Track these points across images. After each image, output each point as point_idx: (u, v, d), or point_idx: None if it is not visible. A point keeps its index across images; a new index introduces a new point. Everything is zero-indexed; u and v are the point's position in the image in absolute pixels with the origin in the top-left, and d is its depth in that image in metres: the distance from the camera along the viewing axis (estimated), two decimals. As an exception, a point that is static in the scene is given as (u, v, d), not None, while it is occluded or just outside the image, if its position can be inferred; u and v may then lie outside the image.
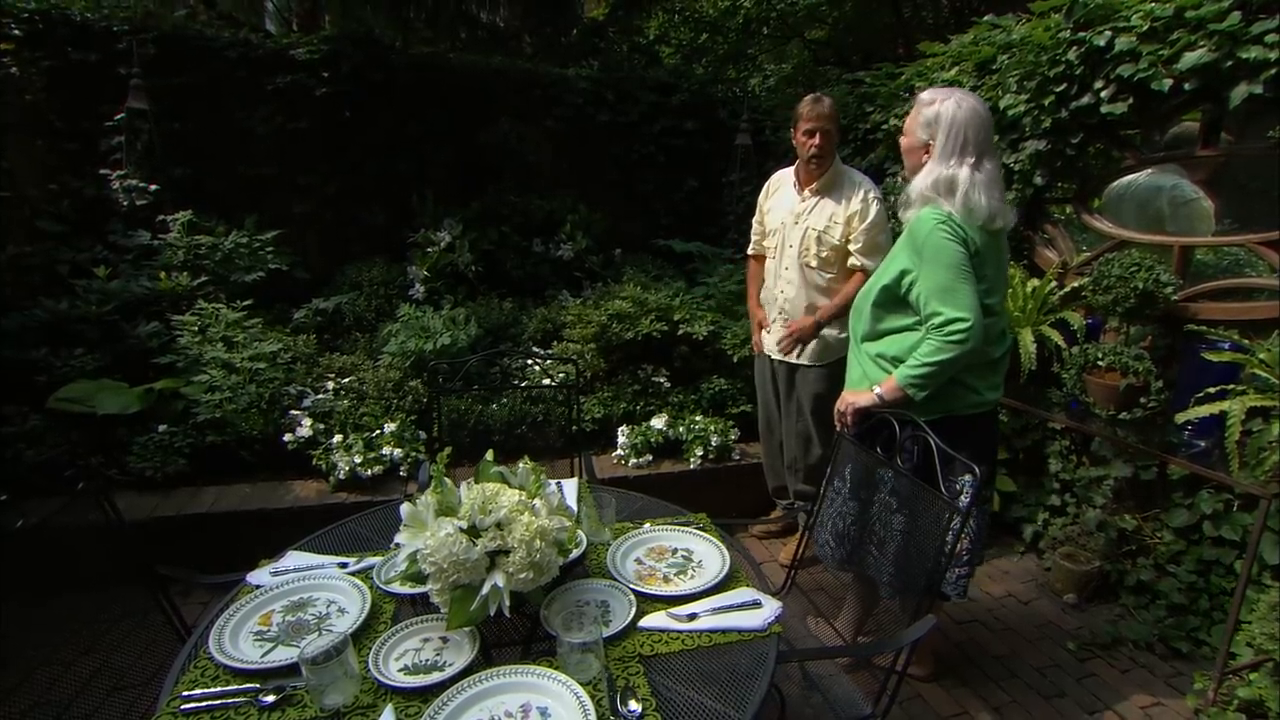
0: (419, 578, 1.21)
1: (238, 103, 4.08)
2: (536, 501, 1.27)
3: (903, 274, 1.76)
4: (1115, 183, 2.75)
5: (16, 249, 3.46)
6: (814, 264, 2.53)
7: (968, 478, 1.79)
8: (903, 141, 1.85)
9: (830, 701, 1.71)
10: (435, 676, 1.15)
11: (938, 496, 1.55)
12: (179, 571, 1.63)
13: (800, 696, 2.07)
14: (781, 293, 2.63)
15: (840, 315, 2.48)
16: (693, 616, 1.35)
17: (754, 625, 1.33)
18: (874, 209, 2.46)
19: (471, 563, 1.16)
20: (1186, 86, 2.21)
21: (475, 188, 4.53)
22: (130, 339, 3.14)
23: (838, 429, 1.89)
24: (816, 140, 2.43)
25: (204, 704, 1.12)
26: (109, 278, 3.33)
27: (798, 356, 2.60)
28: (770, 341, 2.69)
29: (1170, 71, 2.23)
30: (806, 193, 2.55)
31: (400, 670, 1.18)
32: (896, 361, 1.81)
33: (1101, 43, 2.41)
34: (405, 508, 1.26)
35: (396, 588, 1.37)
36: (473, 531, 1.20)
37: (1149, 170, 2.64)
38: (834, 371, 2.51)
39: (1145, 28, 2.29)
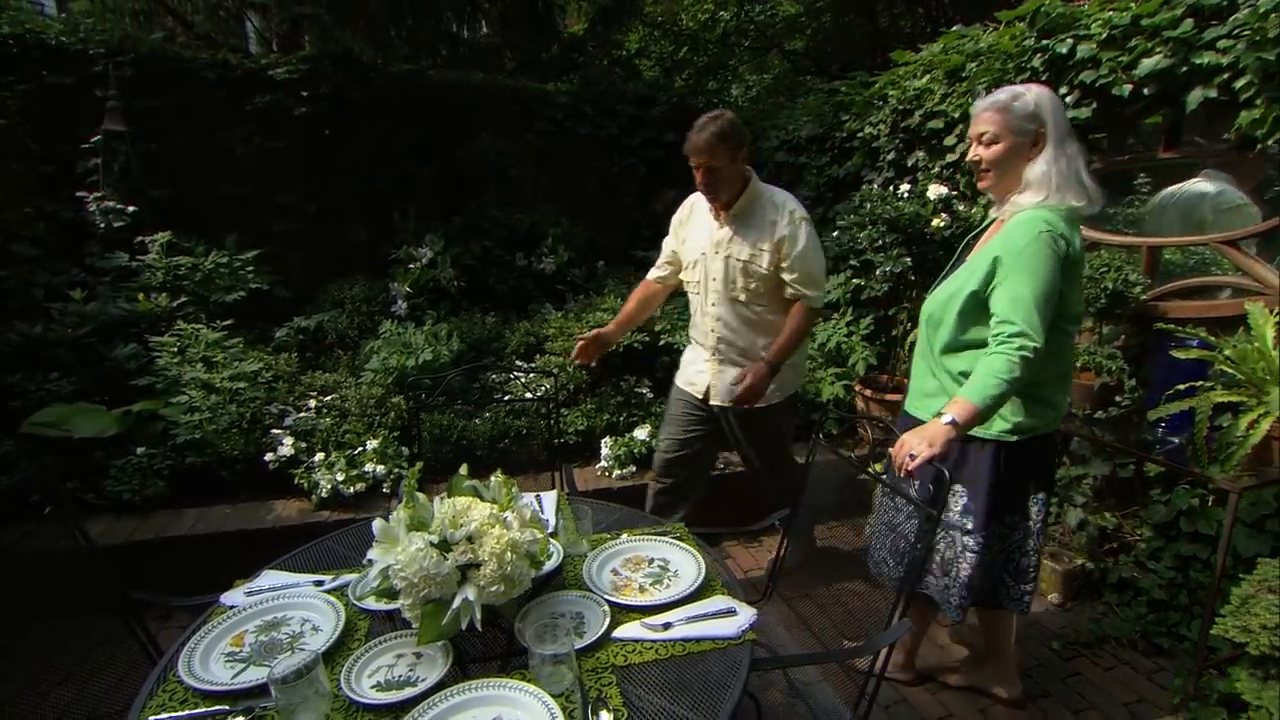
0: (391, 593, 1.21)
1: (217, 123, 4.08)
2: (508, 514, 1.27)
3: (991, 274, 1.64)
4: (1159, 194, 2.78)
5: (-11, 273, 3.43)
6: (744, 298, 2.25)
7: (1041, 495, 1.79)
8: (990, 152, 1.67)
9: (814, 709, 1.71)
10: (407, 692, 1.14)
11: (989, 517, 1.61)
12: (151, 595, 1.62)
13: (786, 704, 2.07)
14: (712, 331, 2.33)
15: (793, 351, 2.27)
16: (667, 626, 1.35)
17: (728, 633, 1.33)
18: (803, 232, 2.18)
19: (442, 577, 1.16)
20: (1146, 91, 2.27)
21: (457, 203, 4.55)
22: (108, 361, 3.11)
23: (900, 474, 1.59)
24: (699, 178, 2.17)
25: (172, 728, 1.11)
26: (85, 300, 3.31)
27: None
28: (718, 384, 2.36)
29: (1129, 77, 2.29)
30: (724, 218, 2.24)
31: (373, 687, 1.17)
32: None
33: (1064, 50, 2.47)
34: (378, 524, 1.26)
35: (371, 604, 1.36)
36: (444, 546, 1.20)
37: (1195, 179, 2.68)
38: (789, 402, 2.41)
39: (1104, 35, 2.35)
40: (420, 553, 1.16)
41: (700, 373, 2.41)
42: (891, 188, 3.80)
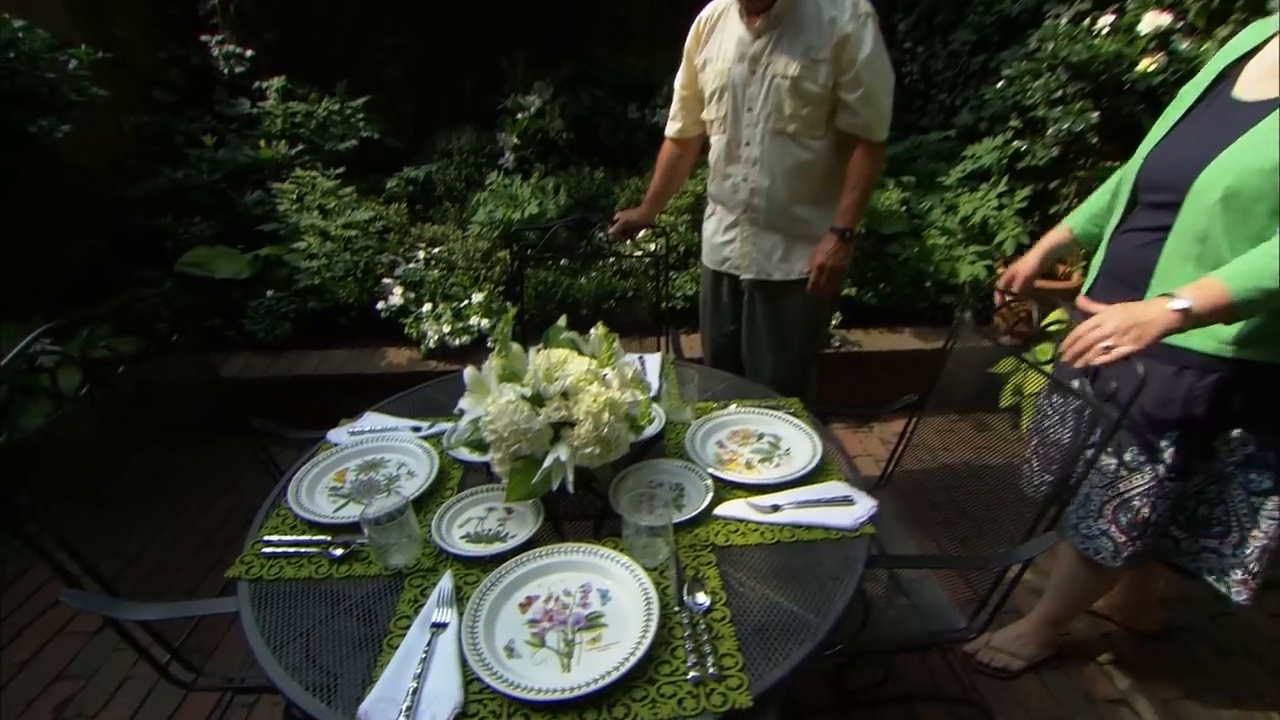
0: (481, 445, 1.14)
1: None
2: (607, 371, 1.14)
3: None
4: None
5: (137, 119, 3.59)
6: (793, 129, 1.73)
7: None
8: None
9: (917, 607, 1.57)
10: (496, 547, 1.10)
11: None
12: (272, 425, 1.69)
13: (884, 598, 1.94)
14: (745, 181, 1.83)
15: (864, 210, 1.85)
16: (775, 508, 1.22)
17: (844, 524, 1.18)
18: (870, 33, 1.64)
19: (533, 433, 1.07)
20: None
21: (567, 48, 4.20)
22: (238, 207, 3.24)
23: (1075, 363, 1.17)
24: None
25: (281, 550, 1.13)
26: (215, 146, 3.40)
27: (804, 271, 1.86)
28: (752, 254, 1.93)
29: None
30: (761, 24, 1.69)
31: (462, 538, 1.14)
32: None
33: None
34: (469, 372, 1.18)
35: (463, 454, 1.32)
36: (536, 400, 1.10)
37: None
38: None
39: None
40: (511, 406, 1.06)
41: (728, 243, 1.96)
42: (1085, 22, 3.06)
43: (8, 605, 2.10)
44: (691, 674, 0.88)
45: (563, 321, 1.31)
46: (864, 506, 1.22)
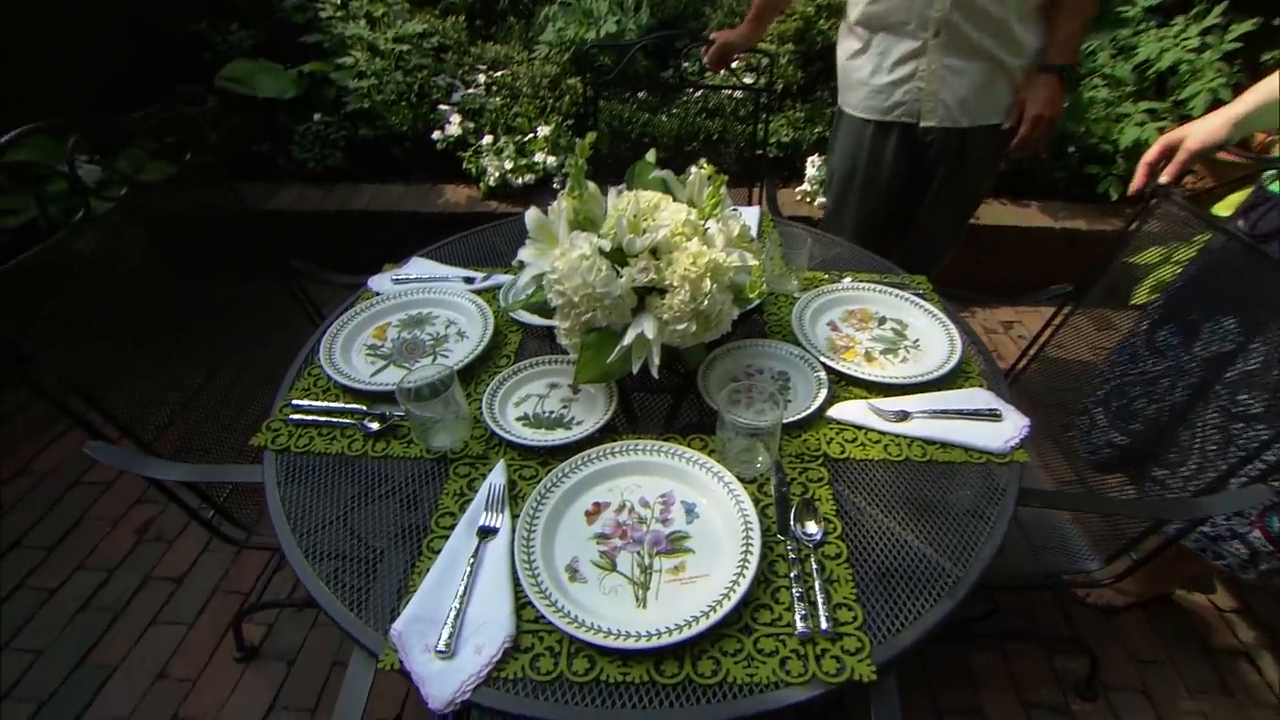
0: (545, 309, 0.91)
1: None
2: (711, 224, 0.86)
3: None
4: None
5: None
6: None
7: None
8: None
9: (1023, 526, 1.33)
10: (559, 435, 0.90)
11: None
12: (310, 266, 1.49)
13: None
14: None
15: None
16: (904, 415, 0.97)
17: (990, 445, 0.92)
18: None
19: (612, 299, 0.82)
20: None
21: None
22: (278, 12, 2.90)
23: None
24: None
25: (310, 418, 0.97)
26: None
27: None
28: (941, 94, 1.48)
29: None
30: None
31: (519, 419, 0.94)
32: None
33: None
34: (532, 214, 0.92)
35: (524, 316, 1.11)
36: (617, 256, 0.85)
37: None
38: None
39: None
40: (584, 262, 0.81)
41: (902, 82, 1.49)
42: None
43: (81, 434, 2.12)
44: (800, 627, 0.69)
45: (651, 156, 1.01)
46: (1015, 424, 0.96)
